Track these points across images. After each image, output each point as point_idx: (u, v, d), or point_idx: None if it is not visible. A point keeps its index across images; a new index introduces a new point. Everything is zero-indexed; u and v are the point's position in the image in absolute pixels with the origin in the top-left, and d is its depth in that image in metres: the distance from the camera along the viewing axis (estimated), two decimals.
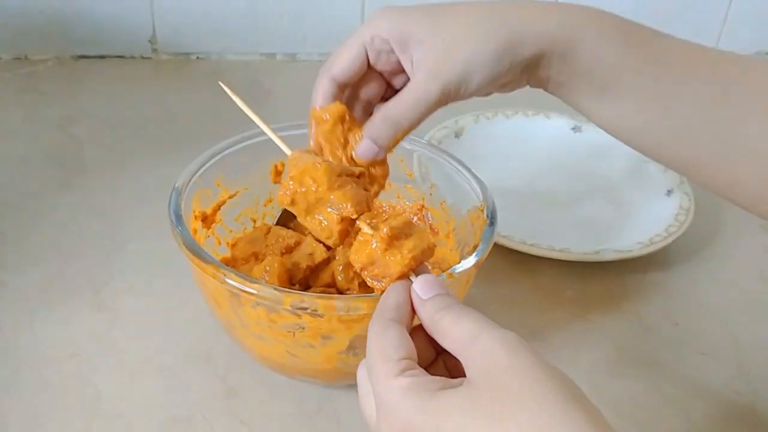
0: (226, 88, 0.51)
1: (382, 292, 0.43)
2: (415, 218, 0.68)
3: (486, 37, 0.48)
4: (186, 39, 1.05)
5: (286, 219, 0.66)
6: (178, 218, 0.55)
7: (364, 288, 0.60)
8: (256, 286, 0.49)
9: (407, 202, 0.69)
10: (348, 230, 0.46)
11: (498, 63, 0.49)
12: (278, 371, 0.59)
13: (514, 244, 0.72)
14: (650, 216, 0.79)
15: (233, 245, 0.65)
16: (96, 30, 1.02)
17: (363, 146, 0.51)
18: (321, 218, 0.46)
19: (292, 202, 0.46)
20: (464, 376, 0.37)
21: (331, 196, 0.45)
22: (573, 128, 0.90)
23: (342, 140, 0.51)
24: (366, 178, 0.48)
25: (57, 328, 0.63)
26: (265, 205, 0.68)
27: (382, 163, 0.52)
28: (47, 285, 0.67)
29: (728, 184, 0.51)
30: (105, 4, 1.00)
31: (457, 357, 0.38)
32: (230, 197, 0.65)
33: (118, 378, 0.59)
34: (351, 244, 0.46)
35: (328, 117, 0.51)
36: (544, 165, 0.87)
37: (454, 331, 0.39)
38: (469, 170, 0.63)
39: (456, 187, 0.63)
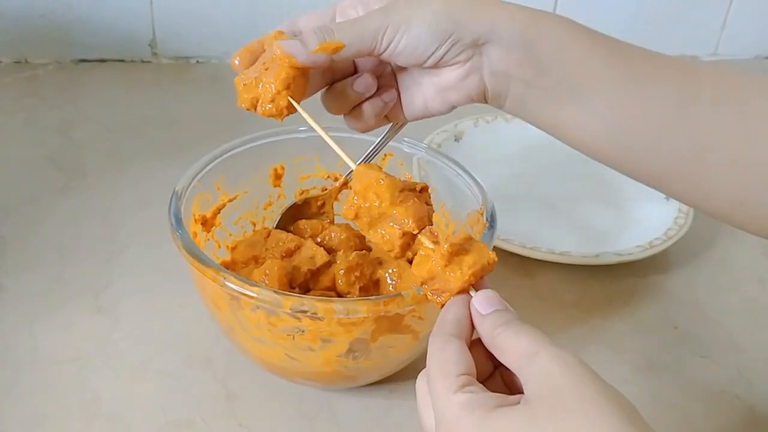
0: (294, 103, 0.50)
1: (442, 306, 0.43)
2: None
3: (437, 7, 0.48)
4: (186, 43, 1.05)
5: (286, 222, 0.67)
6: (178, 222, 0.55)
7: (364, 291, 0.60)
8: (255, 289, 0.50)
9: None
10: (410, 243, 0.46)
11: (443, 25, 0.48)
12: (278, 374, 0.59)
13: (513, 248, 0.72)
14: (650, 219, 0.79)
15: (233, 248, 0.65)
16: (96, 34, 1.02)
17: (289, 41, 0.50)
18: (383, 232, 0.46)
19: (356, 216, 0.47)
20: (522, 390, 0.37)
21: (394, 212, 0.46)
22: None
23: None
24: (427, 193, 0.49)
25: (57, 331, 0.63)
26: (264, 209, 0.68)
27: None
28: (47, 288, 0.67)
29: (703, 194, 0.50)
30: (105, 8, 1.00)
31: (515, 373, 0.38)
32: (230, 201, 0.65)
33: (118, 381, 0.59)
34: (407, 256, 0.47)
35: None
36: (543, 169, 0.87)
37: (512, 347, 0.39)
38: (468, 174, 0.63)
39: (455, 190, 0.63)
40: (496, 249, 0.67)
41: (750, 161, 0.48)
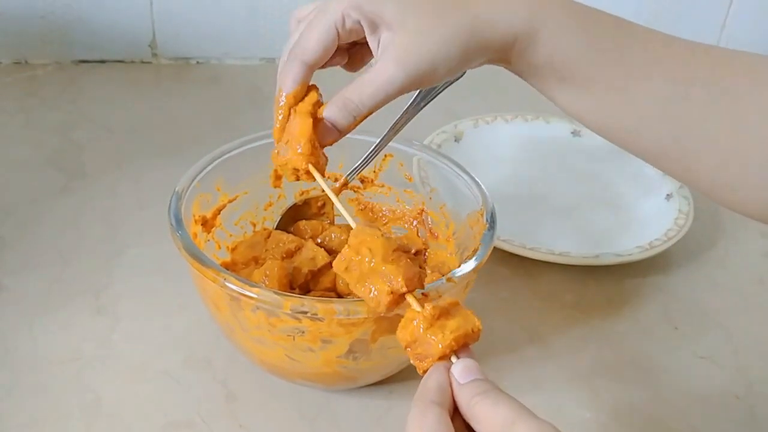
0: (312, 169, 0.52)
1: (424, 372, 0.43)
2: (415, 222, 0.68)
3: (453, 30, 0.48)
4: (186, 44, 1.05)
5: (286, 223, 0.67)
6: (179, 222, 0.55)
7: None
8: (256, 290, 0.50)
9: (407, 206, 0.69)
10: (397, 302, 0.46)
11: (463, 58, 0.49)
12: (278, 375, 0.59)
13: (513, 248, 0.72)
14: (650, 220, 0.79)
15: (233, 249, 0.65)
16: (96, 35, 1.02)
17: (322, 130, 0.51)
18: (372, 288, 0.46)
19: (346, 269, 0.47)
20: None
21: (383, 268, 0.46)
22: (572, 132, 0.90)
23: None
24: (422, 256, 0.49)
25: (57, 332, 0.63)
26: (264, 210, 0.68)
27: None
28: (47, 289, 0.67)
29: (689, 175, 0.51)
30: (105, 9, 1.00)
31: None
32: (230, 201, 0.65)
33: (118, 382, 0.59)
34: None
35: (304, 104, 0.52)
36: (543, 169, 0.87)
37: (489, 417, 0.39)
38: (468, 174, 0.63)
39: (456, 191, 0.64)
40: (496, 249, 0.67)
41: (730, 147, 0.49)
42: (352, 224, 0.49)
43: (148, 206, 0.77)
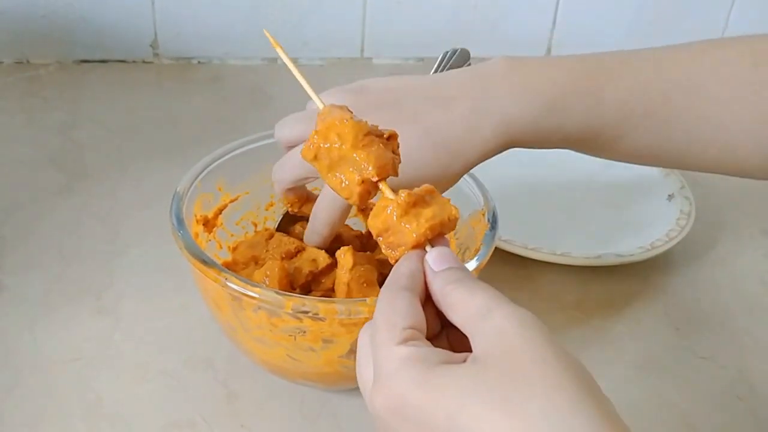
0: (268, 35, 0.49)
1: (396, 261, 0.41)
2: None
3: (435, 170, 0.53)
4: (187, 44, 1.05)
5: (286, 225, 0.66)
6: (180, 222, 0.55)
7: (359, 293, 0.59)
8: (257, 289, 0.50)
9: None
10: (369, 192, 0.43)
11: (445, 188, 0.54)
12: (279, 375, 0.59)
13: (515, 249, 0.72)
14: (651, 220, 0.79)
15: (234, 249, 0.65)
16: (98, 34, 1.02)
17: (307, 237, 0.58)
18: (342, 177, 0.44)
19: (315, 158, 0.44)
20: (468, 351, 0.35)
21: (354, 155, 0.43)
22: None
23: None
24: (395, 142, 0.46)
25: (58, 332, 0.63)
26: (266, 209, 0.68)
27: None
28: (48, 289, 0.67)
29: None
30: (107, 8, 1.00)
31: (465, 332, 0.36)
32: (231, 201, 0.65)
33: (119, 382, 0.59)
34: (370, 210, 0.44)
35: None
36: (545, 170, 0.87)
37: (464, 304, 0.37)
38: (470, 174, 0.63)
39: (457, 191, 0.63)
40: (497, 250, 0.67)
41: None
42: (319, 104, 0.46)
43: (149, 206, 0.77)
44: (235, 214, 0.66)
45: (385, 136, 0.44)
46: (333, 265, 0.61)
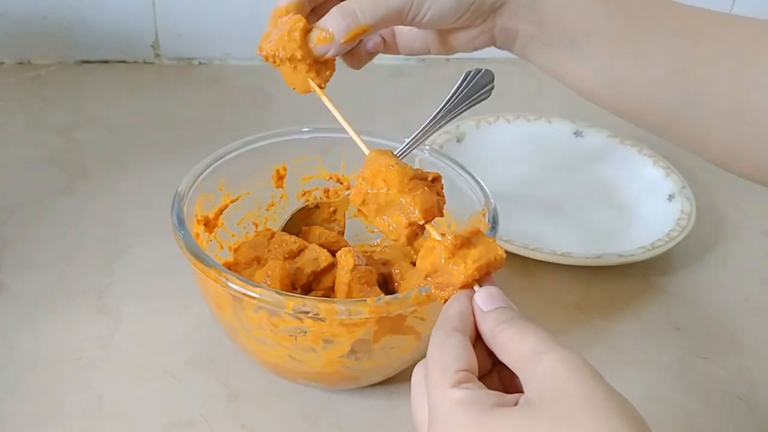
0: (313, 85, 0.51)
1: (445, 301, 0.42)
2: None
3: None
4: (188, 44, 1.05)
5: (294, 225, 0.66)
6: (181, 222, 0.55)
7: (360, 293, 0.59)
8: (258, 289, 0.50)
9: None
10: (417, 234, 0.45)
11: (471, 13, 0.49)
12: (280, 375, 0.59)
13: (515, 249, 0.72)
14: (652, 220, 0.79)
15: (236, 249, 0.65)
16: (99, 35, 1.02)
17: (315, 36, 0.49)
18: (389, 221, 0.45)
19: (363, 203, 0.45)
20: (519, 391, 0.36)
21: (401, 200, 0.44)
22: (575, 133, 0.90)
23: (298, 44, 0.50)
24: (440, 183, 0.47)
25: (59, 332, 0.63)
26: (267, 210, 0.69)
27: None
28: (49, 289, 0.67)
29: (700, 140, 0.51)
30: (108, 9, 1.00)
31: (517, 373, 0.37)
32: (232, 201, 0.65)
33: (120, 382, 0.60)
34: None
35: (285, 24, 0.50)
36: (545, 169, 0.87)
37: (515, 345, 0.37)
38: (470, 175, 0.63)
39: (458, 191, 0.64)
40: None
41: (742, 111, 0.48)
42: (365, 150, 0.48)
43: (150, 206, 0.77)
44: (235, 214, 0.66)
45: (429, 179, 0.46)
46: (334, 264, 0.61)
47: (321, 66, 0.51)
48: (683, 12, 0.50)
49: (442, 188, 0.47)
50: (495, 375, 0.40)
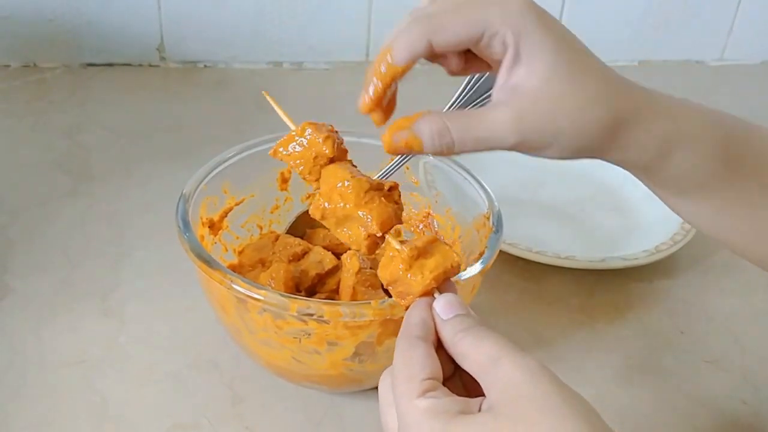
0: (267, 97, 0.52)
1: (407, 308, 0.43)
2: (421, 225, 0.68)
3: (591, 117, 0.43)
4: (193, 47, 1.05)
5: (298, 227, 0.67)
6: (186, 225, 0.55)
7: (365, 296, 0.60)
8: (262, 292, 0.50)
9: (413, 210, 0.69)
10: (377, 243, 0.46)
11: (583, 149, 0.45)
12: (284, 377, 0.59)
13: (519, 252, 0.72)
14: (656, 224, 0.79)
15: (240, 252, 0.66)
16: (104, 38, 1.02)
17: (403, 138, 0.43)
18: (350, 233, 0.46)
19: (323, 217, 0.47)
20: (481, 392, 0.37)
21: (359, 213, 0.46)
22: None
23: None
24: (397, 192, 0.48)
25: (64, 334, 0.63)
26: (271, 212, 0.69)
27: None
28: (54, 291, 0.67)
29: None
30: (113, 12, 1.00)
31: (477, 380, 0.38)
32: (237, 204, 0.65)
33: (124, 384, 0.60)
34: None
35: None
36: (549, 173, 0.87)
37: (473, 353, 0.38)
38: (474, 178, 0.63)
39: (462, 194, 0.64)
40: (502, 253, 0.67)
41: None
42: (292, 126, 0.50)
43: (155, 209, 0.78)
44: (240, 216, 0.66)
45: (386, 188, 0.47)
46: (338, 267, 0.61)
47: None
48: None
49: (400, 197, 0.48)
50: (458, 378, 0.41)
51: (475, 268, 0.53)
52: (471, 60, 0.47)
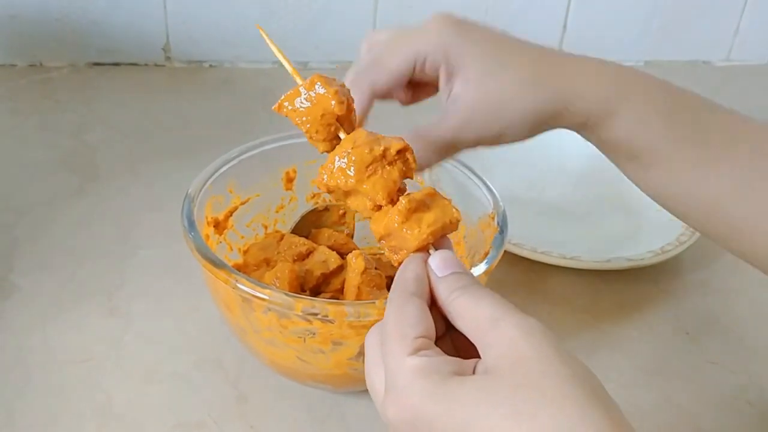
0: (262, 32, 0.50)
1: (399, 264, 0.41)
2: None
3: (531, 104, 0.48)
4: (199, 47, 1.06)
5: (303, 227, 0.67)
6: (191, 224, 0.55)
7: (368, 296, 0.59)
8: (267, 291, 0.50)
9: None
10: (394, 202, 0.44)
11: (535, 129, 0.49)
12: (289, 377, 0.59)
13: (524, 252, 0.72)
14: (661, 225, 0.79)
15: (245, 251, 0.66)
16: (111, 38, 1.02)
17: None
18: (357, 203, 0.45)
19: (329, 191, 0.45)
20: (473, 355, 0.36)
21: (364, 186, 0.44)
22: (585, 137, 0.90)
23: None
24: (405, 154, 0.45)
25: (69, 332, 0.64)
26: (276, 212, 0.69)
27: None
28: (60, 290, 0.68)
29: (756, 251, 0.50)
30: (119, 12, 1.01)
31: (473, 341, 0.36)
32: (242, 204, 0.65)
33: (129, 383, 0.60)
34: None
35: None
36: (555, 173, 0.87)
37: (470, 313, 0.37)
38: (479, 178, 0.63)
39: (467, 194, 0.64)
40: (507, 253, 0.67)
41: None
42: (298, 80, 0.48)
43: (160, 208, 0.78)
44: (245, 216, 0.66)
45: (394, 152, 0.44)
46: (343, 267, 0.61)
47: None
48: (757, 133, 0.49)
49: (413, 155, 0.45)
50: (448, 339, 0.40)
51: (480, 268, 0.53)
52: (417, 88, 0.52)
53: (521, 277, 0.73)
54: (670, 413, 0.61)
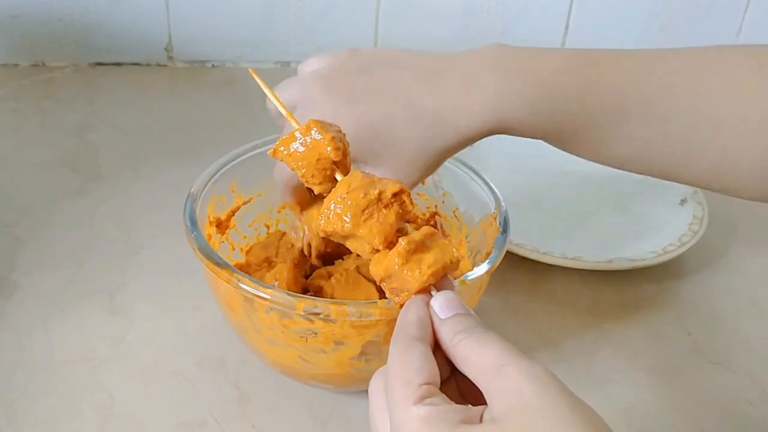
0: (255, 75, 0.51)
1: (401, 306, 0.41)
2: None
3: (418, 144, 0.53)
4: (201, 47, 1.06)
5: None
6: (193, 223, 0.55)
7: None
8: (269, 291, 0.50)
9: (420, 209, 0.69)
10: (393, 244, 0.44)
11: (432, 167, 0.55)
12: (290, 376, 0.59)
13: (526, 252, 0.72)
14: (663, 225, 0.79)
15: (248, 251, 0.66)
16: (113, 38, 1.03)
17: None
18: (357, 246, 0.45)
19: (327, 235, 0.45)
20: (478, 398, 0.35)
21: (360, 230, 0.43)
22: None
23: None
24: (401, 197, 0.45)
25: (71, 331, 0.64)
26: (278, 212, 0.69)
27: None
28: (62, 289, 0.68)
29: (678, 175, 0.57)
30: (122, 12, 1.01)
31: (479, 386, 0.35)
32: (244, 203, 0.65)
33: (131, 382, 0.60)
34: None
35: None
36: (557, 173, 0.87)
37: (476, 358, 0.36)
38: (481, 178, 0.63)
39: (469, 194, 0.64)
40: (509, 253, 0.67)
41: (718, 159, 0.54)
42: (294, 124, 0.48)
43: (162, 207, 0.78)
44: (247, 215, 0.66)
45: (389, 195, 0.43)
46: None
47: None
48: (648, 91, 0.53)
49: (410, 197, 0.44)
50: (453, 382, 0.39)
51: (482, 269, 0.53)
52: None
53: (523, 278, 0.73)
54: (671, 413, 0.61)
